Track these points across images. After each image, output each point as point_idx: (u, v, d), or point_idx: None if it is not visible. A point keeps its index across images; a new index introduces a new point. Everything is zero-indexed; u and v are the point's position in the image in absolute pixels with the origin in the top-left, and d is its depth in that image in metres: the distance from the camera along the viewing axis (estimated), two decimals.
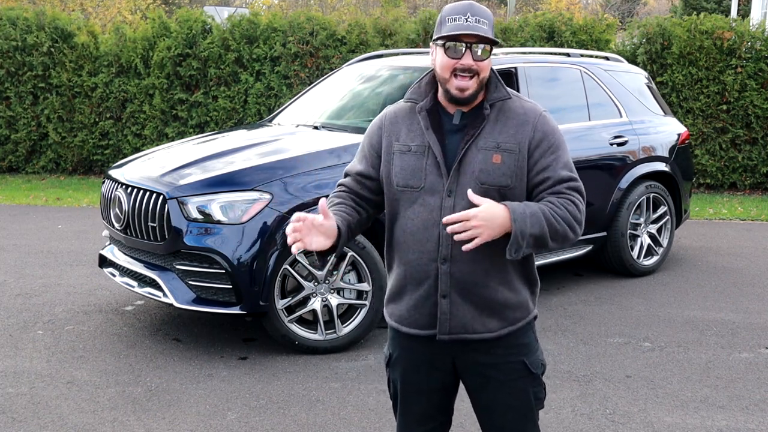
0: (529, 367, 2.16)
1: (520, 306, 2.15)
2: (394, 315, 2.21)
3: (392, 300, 2.22)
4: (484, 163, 2.04)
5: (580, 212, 2.07)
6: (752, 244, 7.05)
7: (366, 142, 2.23)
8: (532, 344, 2.19)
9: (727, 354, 4.36)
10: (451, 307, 2.09)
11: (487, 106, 2.09)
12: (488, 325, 2.11)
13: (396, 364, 2.25)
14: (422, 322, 2.14)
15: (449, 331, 2.11)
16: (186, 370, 4.10)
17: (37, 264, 6.19)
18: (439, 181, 2.06)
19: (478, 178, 2.04)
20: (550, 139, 2.10)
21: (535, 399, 2.20)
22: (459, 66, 2.03)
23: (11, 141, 10.84)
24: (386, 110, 2.23)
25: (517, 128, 2.08)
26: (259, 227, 4.13)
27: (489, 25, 2.04)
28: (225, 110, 10.30)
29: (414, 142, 2.10)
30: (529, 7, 30.09)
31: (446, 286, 2.08)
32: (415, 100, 2.15)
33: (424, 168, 2.07)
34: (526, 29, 10.11)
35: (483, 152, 2.05)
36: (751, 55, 9.54)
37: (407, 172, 2.09)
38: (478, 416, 2.25)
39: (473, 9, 2.03)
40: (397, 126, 2.15)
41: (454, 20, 2.02)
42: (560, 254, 5.43)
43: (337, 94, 5.67)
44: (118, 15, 18.70)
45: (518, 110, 2.11)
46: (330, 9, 21.78)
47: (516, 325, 2.14)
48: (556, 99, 5.67)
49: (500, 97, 2.11)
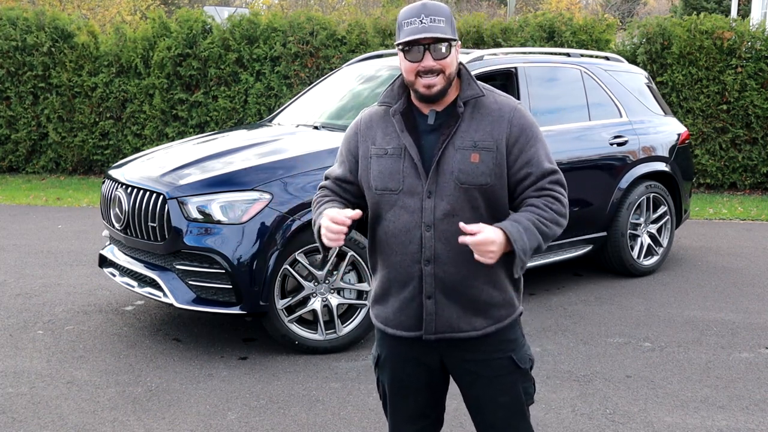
0: (517, 362, 2.17)
1: (505, 303, 2.16)
2: (380, 317, 2.22)
3: (378, 302, 2.23)
4: (462, 163, 2.04)
5: (564, 205, 2.11)
6: (752, 244, 7.05)
7: (343, 147, 2.24)
8: (518, 340, 2.20)
9: (727, 354, 4.36)
10: (436, 308, 2.10)
11: (461, 104, 2.08)
12: (474, 323, 2.12)
13: (384, 364, 2.26)
14: (408, 323, 2.14)
15: (435, 330, 2.12)
16: (186, 370, 4.10)
17: (37, 264, 6.20)
18: (417, 183, 2.06)
19: (458, 178, 2.04)
20: (528, 134, 2.09)
21: (525, 394, 2.21)
22: (421, 68, 2.03)
23: (11, 141, 10.85)
24: (361, 114, 2.24)
25: (492, 125, 2.07)
26: (259, 227, 4.13)
27: (446, 21, 2.03)
28: (225, 110, 10.30)
29: (390, 145, 2.10)
30: (529, 7, 30.09)
31: (431, 287, 2.09)
32: (388, 103, 2.15)
33: (401, 170, 2.07)
34: (526, 29, 10.11)
35: (461, 152, 2.05)
36: (751, 55, 9.54)
37: (385, 176, 2.09)
38: (470, 414, 2.26)
39: (426, 9, 2.02)
40: (372, 130, 2.16)
41: (410, 23, 2.02)
42: (560, 254, 5.43)
43: (337, 94, 5.67)
44: (118, 15, 18.70)
45: (492, 106, 2.10)
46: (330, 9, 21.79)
47: (503, 323, 2.15)
48: (556, 99, 5.67)
49: (474, 94, 2.10)
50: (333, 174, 2.27)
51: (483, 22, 10.29)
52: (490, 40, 10.04)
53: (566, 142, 5.44)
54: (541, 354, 4.29)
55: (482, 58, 5.32)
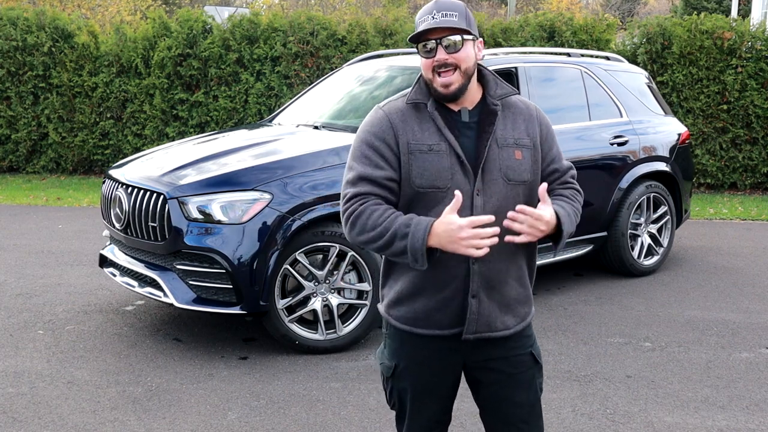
0: (536, 357, 2.22)
1: (527, 300, 2.20)
2: (405, 318, 2.14)
3: (400, 303, 2.15)
4: (508, 160, 2.08)
5: (582, 198, 2.29)
6: (752, 244, 7.05)
7: (377, 144, 2.06)
8: (533, 335, 2.26)
9: (727, 354, 4.36)
10: (479, 306, 2.09)
11: (497, 102, 2.11)
12: (507, 322, 2.15)
13: (403, 373, 2.19)
14: (445, 322, 2.10)
15: (476, 330, 2.11)
16: (186, 370, 4.10)
17: (37, 264, 6.20)
18: (465, 181, 2.03)
19: (506, 175, 2.06)
20: (551, 132, 2.22)
21: (539, 389, 2.25)
22: (435, 63, 2.05)
23: (12, 141, 10.85)
24: (384, 110, 2.11)
25: (526, 123, 2.14)
26: (260, 227, 4.12)
27: (459, 16, 2.04)
28: (225, 110, 10.30)
29: (431, 141, 2.05)
30: (530, 7, 30.09)
31: (477, 285, 2.07)
32: (420, 101, 2.10)
33: (449, 168, 2.03)
34: (526, 29, 10.11)
35: (505, 149, 2.08)
36: (752, 55, 9.54)
37: (431, 173, 2.03)
38: (486, 412, 2.23)
39: (438, 5, 2.05)
40: (408, 124, 2.07)
41: (424, 21, 2.05)
42: (560, 254, 5.43)
43: (337, 94, 5.67)
44: (118, 15, 18.69)
45: (520, 105, 2.17)
46: (330, 9, 21.77)
47: (526, 321, 2.20)
48: (557, 99, 5.67)
49: (506, 92, 2.15)
50: (374, 175, 2.04)
51: (483, 22, 10.29)
52: (491, 40, 10.04)
53: (567, 141, 5.43)
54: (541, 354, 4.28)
55: (482, 58, 5.31)
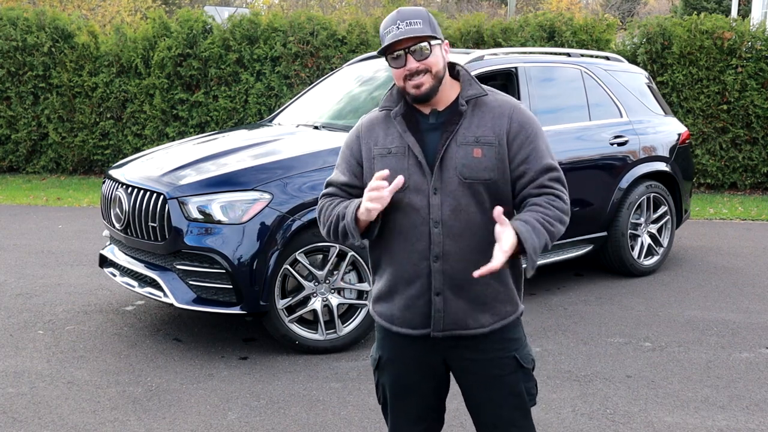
0: (521, 361, 2.18)
1: (510, 299, 2.17)
2: (385, 315, 2.22)
3: (382, 300, 2.23)
4: (465, 158, 2.07)
5: (565, 202, 2.11)
6: (752, 244, 7.05)
7: (345, 152, 2.26)
8: (521, 339, 2.22)
9: (727, 354, 4.36)
10: (444, 304, 2.11)
11: (464, 103, 2.12)
12: (481, 320, 2.13)
13: (385, 366, 2.26)
14: (415, 321, 2.15)
15: (443, 327, 2.13)
16: (186, 370, 4.10)
17: (37, 264, 6.20)
18: (423, 180, 2.09)
19: (461, 173, 2.07)
20: (527, 130, 2.12)
21: (528, 395, 2.21)
22: (407, 72, 2.08)
23: (12, 141, 10.85)
24: (361, 120, 2.27)
25: (493, 121, 2.11)
26: (260, 227, 4.13)
27: (423, 22, 2.07)
28: (225, 110, 10.30)
29: (393, 144, 2.14)
30: (530, 7, 30.09)
31: (439, 283, 2.10)
32: (389, 107, 2.19)
33: (406, 168, 2.10)
34: (526, 29, 10.11)
35: (463, 147, 2.08)
36: (752, 55, 9.54)
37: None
38: (472, 414, 2.26)
39: (401, 14, 2.08)
40: (374, 132, 2.19)
41: (389, 33, 2.08)
42: (560, 254, 5.43)
43: (337, 94, 5.67)
44: (118, 15, 18.69)
45: (493, 104, 2.14)
46: (330, 9, 21.78)
47: (507, 320, 2.17)
48: (557, 99, 5.67)
49: (476, 93, 2.14)
50: (338, 181, 2.25)
51: (483, 22, 10.29)
52: (491, 40, 10.04)
53: (566, 142, 5.44)
54: (541, 354, 4.28)
55: (482, 58, 5.32)
